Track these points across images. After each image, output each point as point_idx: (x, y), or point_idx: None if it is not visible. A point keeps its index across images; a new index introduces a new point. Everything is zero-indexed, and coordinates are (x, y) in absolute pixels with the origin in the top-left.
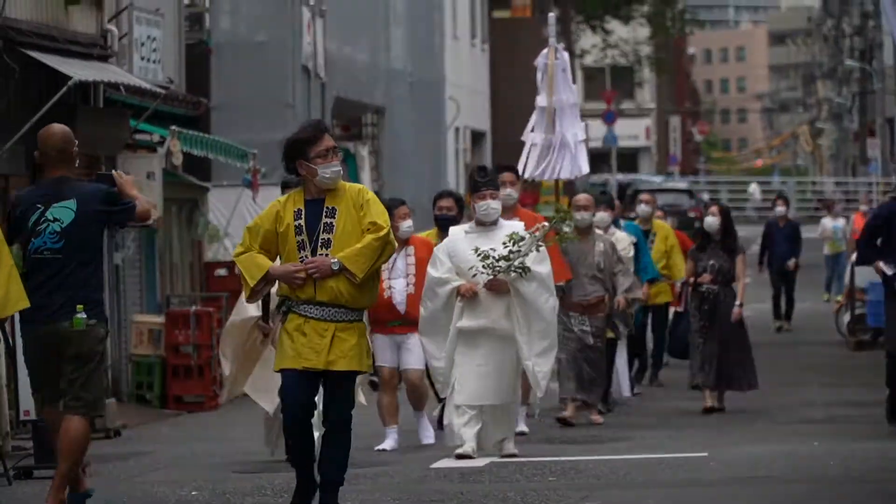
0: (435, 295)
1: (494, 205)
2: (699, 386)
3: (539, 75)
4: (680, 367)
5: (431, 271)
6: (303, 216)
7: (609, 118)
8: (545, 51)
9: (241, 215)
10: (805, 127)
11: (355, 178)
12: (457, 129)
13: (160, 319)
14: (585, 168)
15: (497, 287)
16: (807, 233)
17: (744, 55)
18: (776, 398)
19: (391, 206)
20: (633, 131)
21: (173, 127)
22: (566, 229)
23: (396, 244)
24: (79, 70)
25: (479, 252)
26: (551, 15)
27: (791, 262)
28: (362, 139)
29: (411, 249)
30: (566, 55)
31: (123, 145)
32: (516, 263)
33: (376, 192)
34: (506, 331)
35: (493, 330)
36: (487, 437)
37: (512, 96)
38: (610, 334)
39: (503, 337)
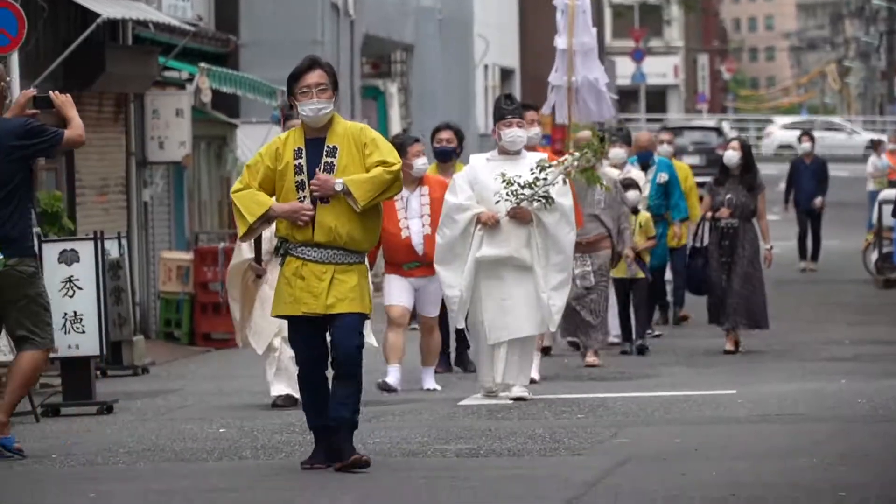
0: (453, 222)
1: (521, 133)
2: (724, 324)
3: (559, 16)
4: (699, 302)
5: (450, 198)
6: (303, 155)
7: (637, 56)
8: None
9: None
10: (833, 65)
11: (384, 115)
12: (486, 67)
13: (189, 256)
14: (610, 112)
15: (521, 215)
16: (834, 171)
17: None
18: (803, 336)
19: (404, 142)
20: (661, 69)
21: (202, 64)
22: (592, 161)
23: (403, 185)
24: (108, 8)
25: (504, 178)
26: None
27: (818, 201)
28: (391, 77)
29: (426, 189)
30: None
31: (152, 83)
32: (541, 192)
33: (405, 130)
34: (525, 261)
35: (513, 259)
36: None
37: (541, 33)
38: (640, 274)
39: (523, 267)
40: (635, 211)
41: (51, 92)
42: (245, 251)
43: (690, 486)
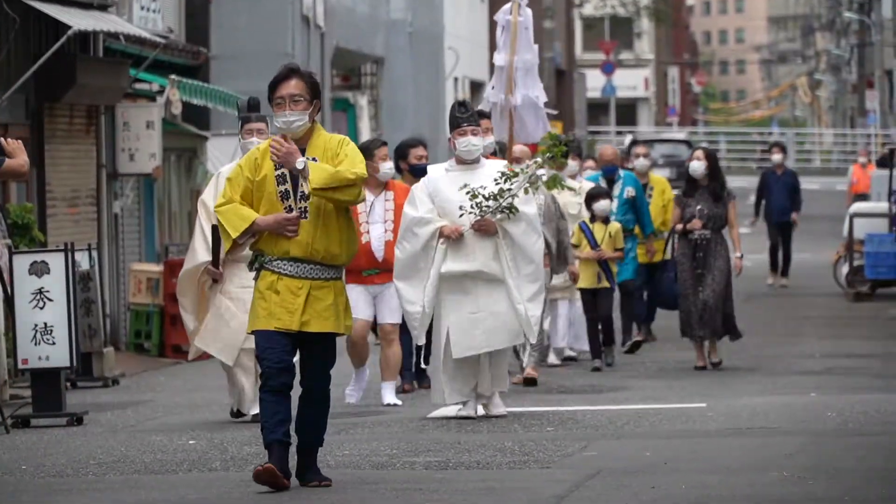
0: (414, 236)
1: (476, 141)
2: (698, 337)
3: (499, 32)
4: (669, 316)
5: (410, 211)
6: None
7: (608, 69)
8: (507, 6)
9: None
10: (803, 78)
11: (354, 127)
12: (455, 79)
13: (158, 268)
14: (545, 129)
15: (486, 227)
16: (806, 184)
17: (742, 6)
18: (774, 349)
19: (370, 146)
20: (631, 82)
21: (173, 76)
22: (550, 171)
23: (366, 191)
24: (79, 19)
25: (468, 190)
26: None
27: (794, 216)
28: (361, 89)
29: (391, 194)
30: (529, 12)
31: (123, 95)
32: (504, 203)
33: None
34: (495, 274)
35: (482, 273)
36: (482, 388)
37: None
38: (604, 283)
39: (492, 280)
40: (606, 220)
41: (1, 139)
42: (200, 254)
43: (660, 499)
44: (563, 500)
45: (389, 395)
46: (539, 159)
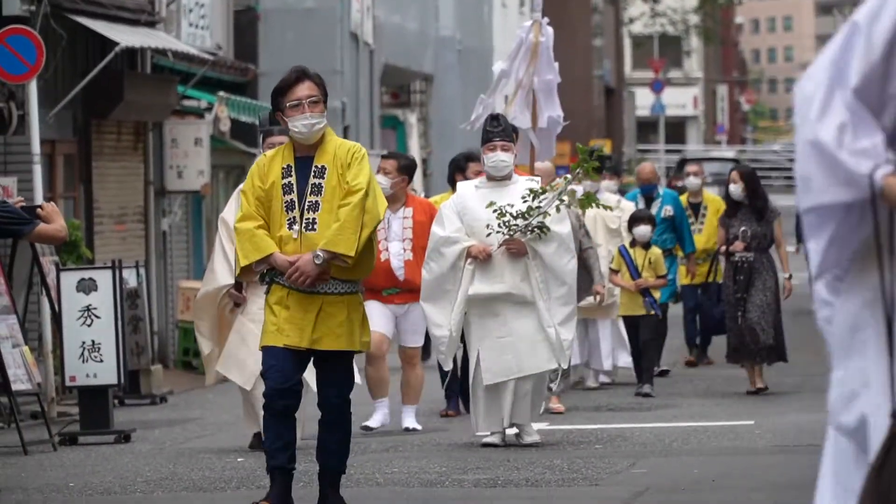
0: (441, 256)
1: (505, 157)
2: (744, 364)
3: (517, 48)
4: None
5: (437, 230)
6: (292, 173)
7: (657, 87)
8: (528, 23)
9: None
10: None
11: (403, 145)
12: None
13: None
14: (549, 154)
15: (515, 248)
16: None
17: (791, 24)
18: (821, 367)
19: (384, 156)
20: (680, 100)
21: (221, 93)
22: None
23: (386, 204)
24: (126, 36)
25: (495, 208)
26: None
27: None
28: (411, 106)
29: (409, 211)
30: (551, 31)
31: (171, 111)
32: (535, 222)
33: (424, 160)
34: (525, 296)
35: (511, 296)
36: (515, 416)
37: (560, 63)
38: (649, 311)
39: (522, 303)
40: (647, 245)
41: (43, 203)
42: (220, 276)
43: None
44: None
45: (409, 419)
46: (569, 176)
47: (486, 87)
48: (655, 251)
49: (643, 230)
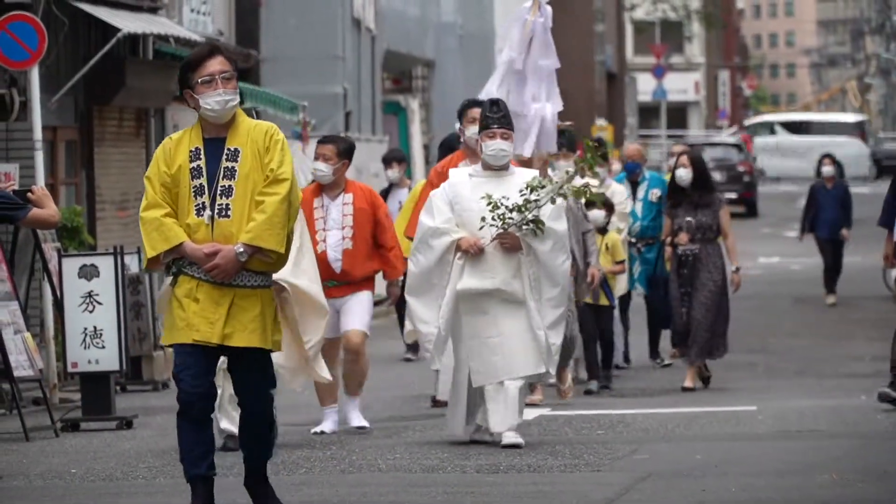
0: (429, 248)
1: (505, 146)
2: (684, 359)
3: (516, 30)
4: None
5: (426, 220)
6: (202, 156)
7: (658, 73)
8: (528, 4)
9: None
10: (853, 82)
11: (405, 131)
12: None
13: None
14: (553, 146)
15: (508, 242)
16: (856, 188)
17: (792, 10)
18: (823, 352)
19: (320, 141)
20: (682, 86)
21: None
22: (592, 181)
23: (300, 194)
24: (128, 22)
25: (489, 200)
26: None
27: (845, 233)
28: (412, 92)
29: (349, 197)
30: (549, 10)
31: (173, 98)
32: (530, 216)
33: (426, 146)
34: (516, 294)
35: (501, 293)
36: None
37: (562, 49)
38: (603, 300)
39: (512, 301)
40: (603, 231)
41: (33, 186)
42: None
43: (710, 502)
44: (613, 503)
45: (355, 416)
46: (571, 170)
47: (488, 73)
48: (613, 236)
49: (598, 214)
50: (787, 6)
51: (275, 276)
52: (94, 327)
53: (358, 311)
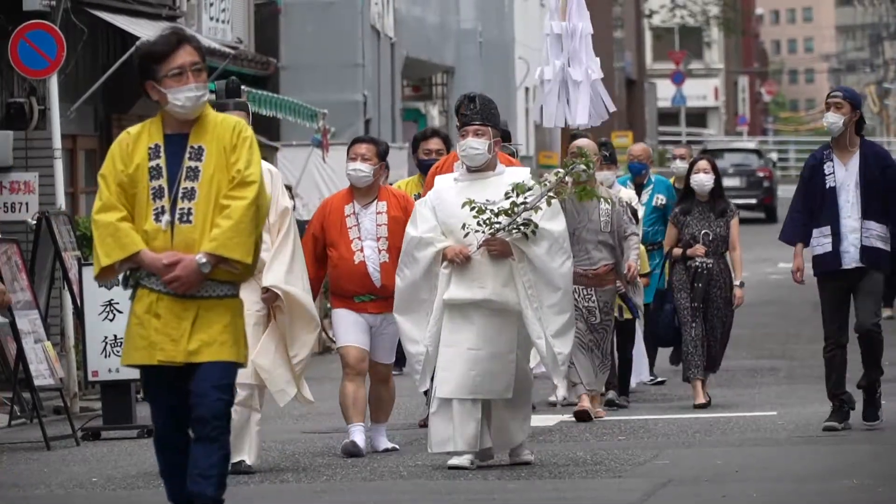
0: (413, 261)
1: (477, 144)
2: (689, 379)
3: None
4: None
5: (410, 230)
6: (161, 154)
7: (678, 79)
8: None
9: (310, 175)
10: (872, 87)
11: None
12: (526, 89)
13: None
14: (605, 114)
15: (496, 248)
16: None
17: (811, 16)
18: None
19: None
20: (701, 91)
21: (242, 87)
22: (583, 177)
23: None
24: (147, 30)
25: (472, 205)
26: None
27: None
28: (432, 99)
29: (383, 205)
30: None
31: None
32: (520, 220)
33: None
34: (508, 304)
35: (490, 303)
36: (495, 440)
37: None
38: (627, 315)
39: (503, 311)
40: None
41: None
42: None
43: None
44: None
45: (383, 440)
46: (561, 171)
47: (508, 80)
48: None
49: None
50: (806, 12)
51: (266, 283)
52: (115, 336)
53: (390, 346)
